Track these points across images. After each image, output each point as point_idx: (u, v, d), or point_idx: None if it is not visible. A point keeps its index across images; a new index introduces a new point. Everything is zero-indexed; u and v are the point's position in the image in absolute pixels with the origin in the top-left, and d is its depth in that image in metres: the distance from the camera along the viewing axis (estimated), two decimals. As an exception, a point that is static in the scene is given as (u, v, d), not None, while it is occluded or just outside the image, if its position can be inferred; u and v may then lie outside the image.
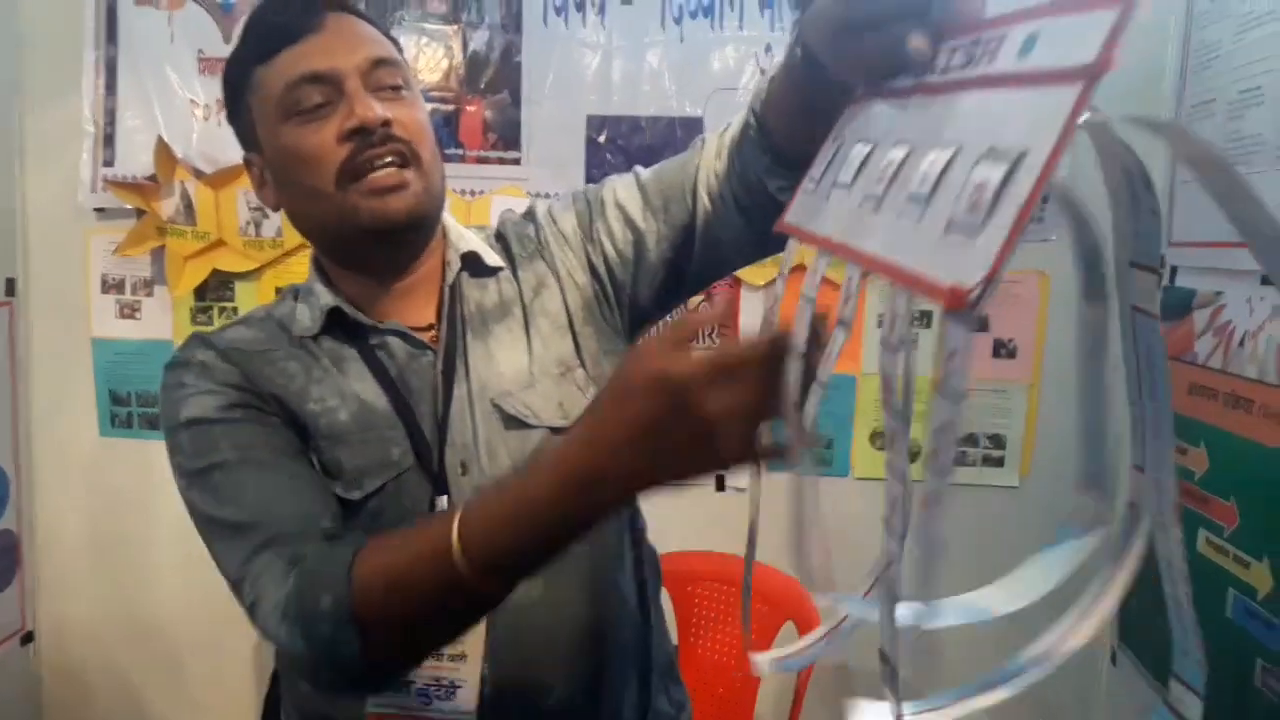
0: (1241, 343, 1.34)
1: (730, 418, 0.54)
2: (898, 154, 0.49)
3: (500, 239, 1.00)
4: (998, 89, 0.43)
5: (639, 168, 0.97)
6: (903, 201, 0.46)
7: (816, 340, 0.52)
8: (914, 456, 0.44)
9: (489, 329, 0.93)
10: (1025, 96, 0.40)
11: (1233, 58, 1.42)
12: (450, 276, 0.93)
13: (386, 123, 0.83)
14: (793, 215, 0.63)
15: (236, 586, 0.78)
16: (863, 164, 0.54)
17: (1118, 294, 0.46)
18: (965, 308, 0.37)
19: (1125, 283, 0.44)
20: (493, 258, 0.96)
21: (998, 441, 1.91)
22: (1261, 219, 0.36)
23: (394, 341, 0.90)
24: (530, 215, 1.02)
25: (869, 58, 0.56)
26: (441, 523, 0.66)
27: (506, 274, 0.97)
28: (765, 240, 0.85)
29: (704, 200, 0.89)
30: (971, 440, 1.91)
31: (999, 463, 1.92)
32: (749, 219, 0.85)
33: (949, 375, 0.38)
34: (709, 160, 0.89)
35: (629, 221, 0.94)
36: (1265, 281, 1.27)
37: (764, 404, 0.53)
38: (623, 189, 0.96)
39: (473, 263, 0.95)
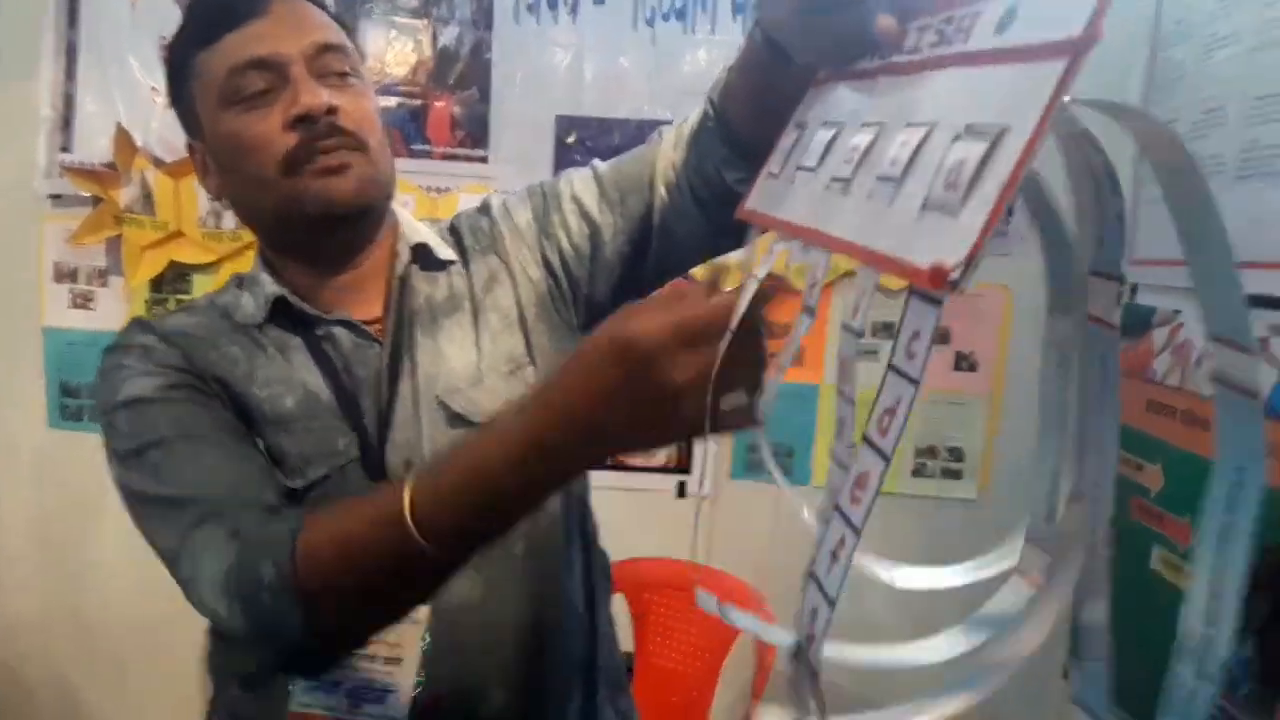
0: (1199, 361, 1.34)
1: (695, 385, 0.52)
2: (865, 136, 0.48)
3: (454, 232, 0.98)
4: (973, 66, 0.42)
5: (597, 161, 0.95)
6: (873, 183, 0.45)
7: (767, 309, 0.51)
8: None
9: (438, 323, 0.91)
10: (1004, 73, 0.39)
11: (1197, 78, 1.43)
12: (399, 268, 0.91)
13: (332, 110, 0.81)
14: (753, 201, 0.61)
15: (173, 562, 0.74)
16: (828, 146, 0.52)
17: (1054, 334, 0.45)
18: (947, 287, 0.35)
19: (1083, 292, 0.44)
20: (444, 250, 0.94)
21: (956, 454, 1.91)
22: (1208, 216, 0.36)
23: (340, 332, 0.88)
24: (485, 209, 0.99)
25: (833, 39, 0.54)
26: (392, 490, 0.64)
27: (458, 268, 0.94)
28: (723, 234, 0.83)
29: (661, 192, 0.87)
30: (931, 452, 1.92)
31: (957, 475, 1.92)
32: (706, 212, 0.83)
33: (910, 357, 0.37)
34: (667, 152, 0.87)
35: (585, 215, 0.92)
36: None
37: (729, 371, 0.51)
38: (579, 182, 0.94)
39: (423, 255, 0.93)
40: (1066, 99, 0.34)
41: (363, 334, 0.88)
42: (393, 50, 1.93)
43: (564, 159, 1.93)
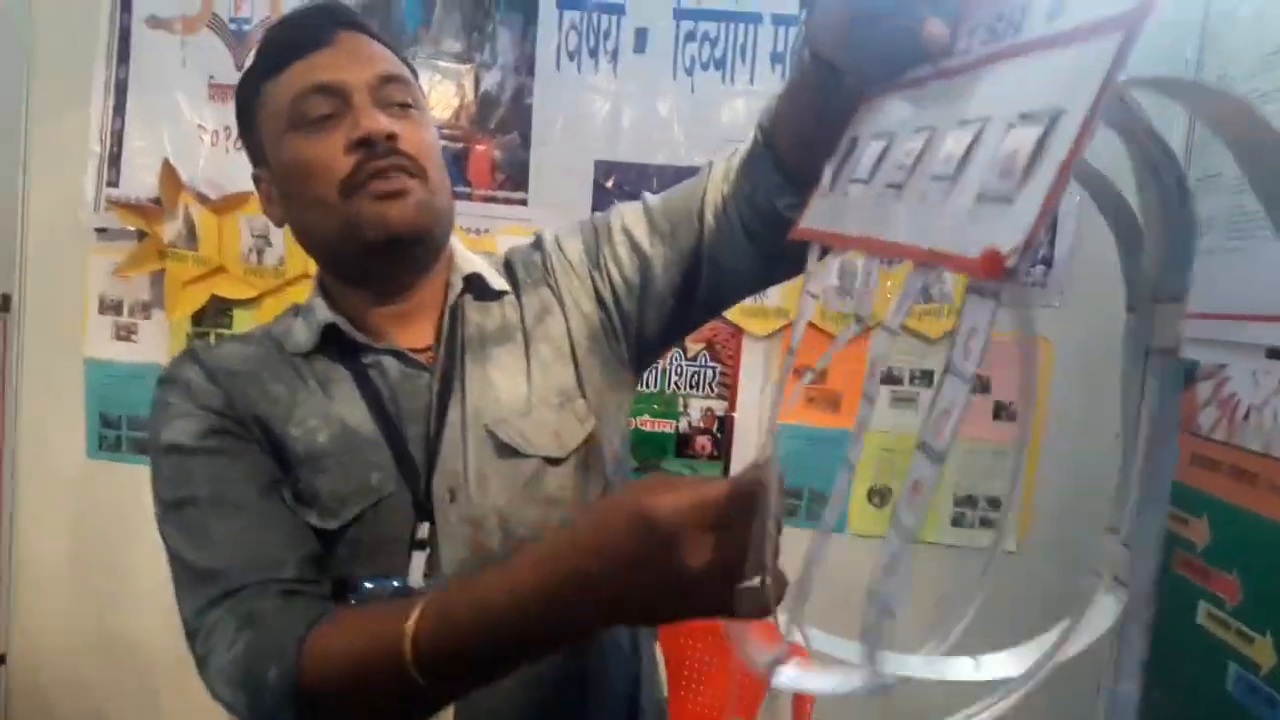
0: (1246, 416, 1.34)
1: (711, 572, 0.51)
2: (918, 141, 0.47)
3: (507, 266, 0.99)
4: (1025, 57, 0.40)
5: (647, 194, 0.96)
6: (926, 183, 0.44)
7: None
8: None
9: (488, 352, 0.91)
10: (1058, 58, 0.37)
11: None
12: (452, 297, 0.92)
13: (392, 136, 0.83)
14: (807, 220, 0.59)
15: (190, 635, 0.77)
16: (880, 157, 0.51)
17: (1134, 332, 0.43)
18: (1002, 274, 0.33)
19: (1144, 319, 0.42)
20: (497, 281, 0.95)
21: (995, 504, 1.90)
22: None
23: (388, 361, 0.89)
24: (538, 243, 1.00)
25: (882, 49, 0.53)
26: (402, 612, 0.64)
27: (510, 299, 0.95)
28: (774, 265, 0.84)
29: (710, 223, 0.87)
30: (970, 502, 1.90)
31: (996, 526, 1.90)
32: (756, 242, 0.83)
33: (966, 355, 0.36)
34: (717, 182, 0.87)
35: (636, 247, 0.93)
36: (1272, 355, 1.27)
37: (746, 559, 0.51)
38: (630, 215, 0.94)
39: (476, 285, 0.94)
40: (1122, 79, 0.33)
41: (412, 363, 0.89)
42: (436, 94, 1.96)
43: (602, 203, 1.95)
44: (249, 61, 0.91)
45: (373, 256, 0.86)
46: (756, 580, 0.51)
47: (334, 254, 0.90)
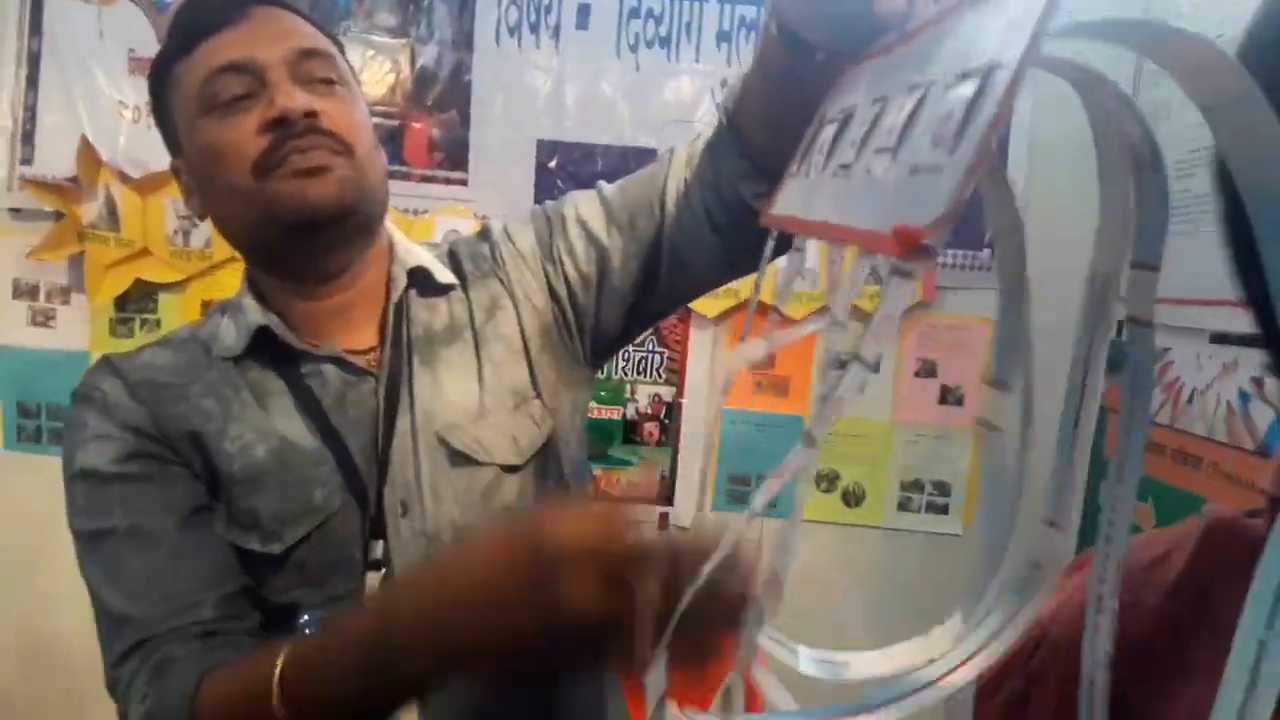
0: (1190, 400, 1.34)
1: (584, 621, 0.43)
2: (871, 113, 0.43)
3: (452, 257, 0.92)
4: (975, 11, 0.37)
5: (603, 183, 0.90)
6: (871, 158, 0.40)
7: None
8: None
9: (436, 353, 0.86)
10: (1003, 7, 0.34)
11: (1183, 117, 1.44)
12: (395, 294, 0.86)
13: (312, 113, 0.77)
14: (775, 206, 0.55)
15: (111, 689, 0.74)
16: (838, 134, 0.47)
17: (1094, 303, 0.40)
18: (916, 253, 0.30)
19: (1109, 289, 0.38)
20: (444, 274, 0.88)
21: (942, 489, 1.90)
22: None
23: (328, 369, 0.83)
24: (485, 233, 0.94)
25: (846, 20, 0.50)
26: (268, 660, 0.61)
27: (458, 294, 0.89)
28: (738, 255, 0.79)
29: (671, 212, 0.82)
30: (917, 486, 1.90)
31: (943, 510, 1.91)
32: (720, 232, 0.78)
33: (877, 340, 0.32)
34: (678, 170, 0.82)
35: (592, 238, 0.87)
36: (1215, 340, 1.27)
37: (642, 619, 0.41)
38: (585, 204, 0.89)
39: (421, 280, 0.88)
40: (1064, 23, 0.29)
41: (354, 370, 0.83)
42: (370, 70, 1.89)
43: (544, 183, 1.90)
44: (161, 42, 0.85)
45: (295, 240, 0.80)
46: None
47: (255, 243, 0.83)
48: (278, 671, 0.60)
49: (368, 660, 0.55)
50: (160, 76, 0.83)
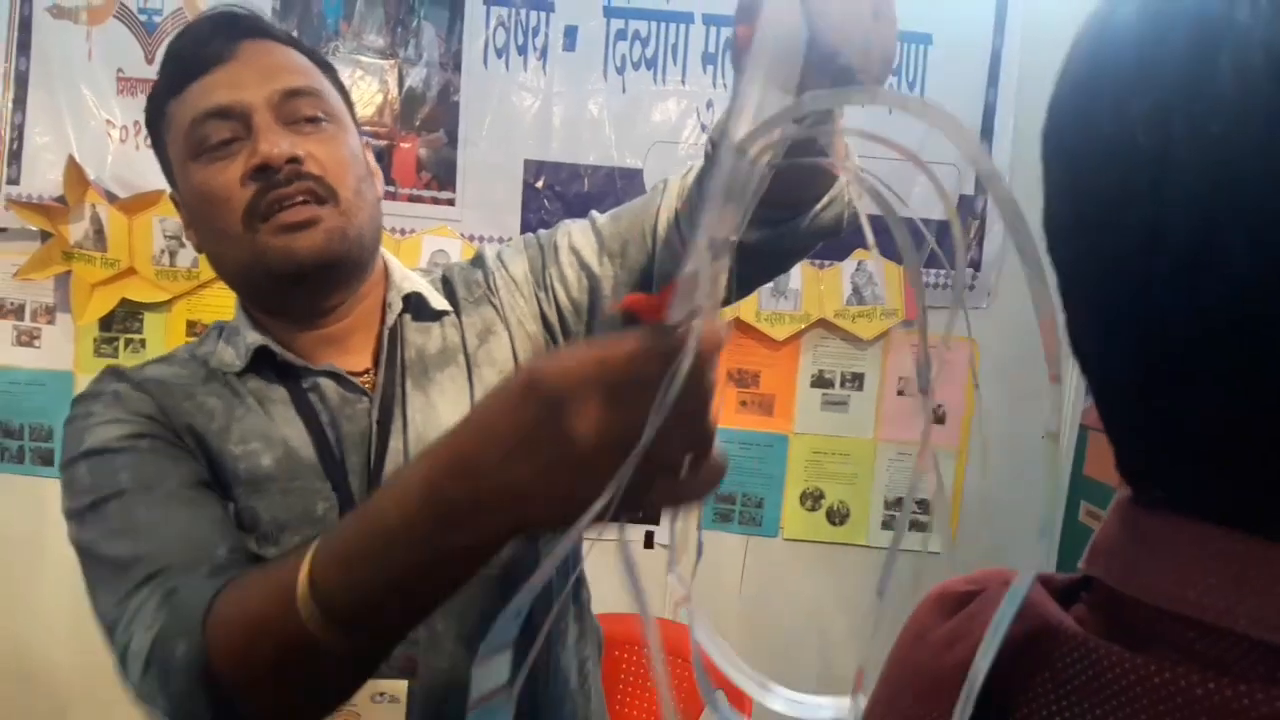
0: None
1: (613, 447, 0.40)
2: None
3: (446, 283, 0.93)
4: None
5: (595, 212, 0.92)
6: None
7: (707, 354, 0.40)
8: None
9: (430, 377, 0.87)
10: None
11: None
12: (390, 319, 0.87)
13: (295, 159, 0.77)
14: None
15: (110, 631, 0.67)
16: None
17: None
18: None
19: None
20: (439, 300, 0.90)
21: (925, 507, 1.91)
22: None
23: (326, 383, 0.84)
24: (478, 260, 0.95)
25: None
26: (294, 560, 0.54)
27: (451, 319, 0.90)
28: (726, 286, 0.80)
29: (661, 241, 0.84)
30: (900, 504, 1.91)
31: (926, 528, 1.91)
32: None
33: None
34: (670, 200, 0.84)
35: (584, 267, 0.89)
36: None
37: (666, 438, 0.39)
38: (578, 233, 0.90)
39: (416, 305, 0.89)
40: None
41: (351, 386, 0.84)
42: (358, 90, 1.90)
43: (533, 204, 1.91)
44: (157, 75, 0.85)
45: (283, 289, 0.81)
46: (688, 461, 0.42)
47: (247, 286, 0.85)
48: (306, 564, 0.53)
49: (413, 526, 0.48)
50: (155, 113, 0.84)
